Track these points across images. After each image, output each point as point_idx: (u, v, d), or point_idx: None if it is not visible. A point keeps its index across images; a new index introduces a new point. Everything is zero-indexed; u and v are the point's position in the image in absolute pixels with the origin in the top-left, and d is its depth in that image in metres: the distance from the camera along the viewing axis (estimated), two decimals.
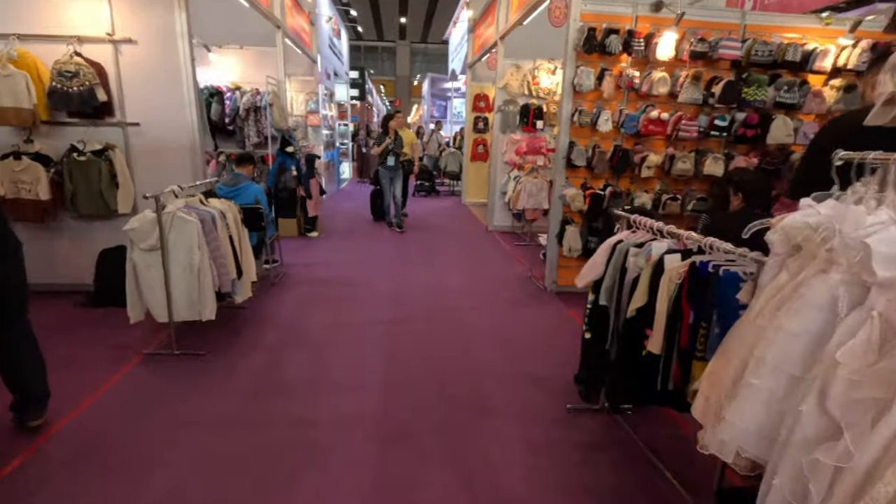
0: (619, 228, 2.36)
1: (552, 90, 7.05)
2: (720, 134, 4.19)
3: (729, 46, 4.00)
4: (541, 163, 6.96)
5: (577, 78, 4.04)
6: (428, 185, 11.49)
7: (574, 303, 4.33)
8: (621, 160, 4.15)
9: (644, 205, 4.24)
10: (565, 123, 4.22)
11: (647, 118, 4.08)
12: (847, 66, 4.17)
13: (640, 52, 4.00)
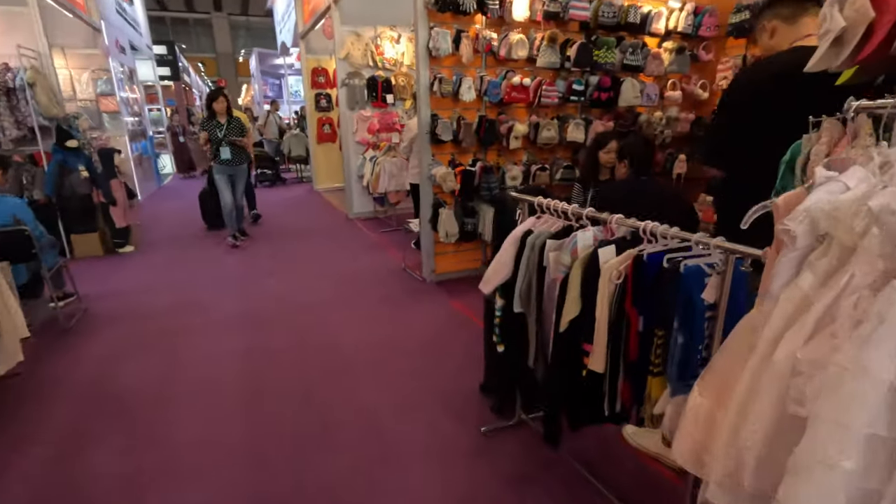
0: (520, 214, 1.96)
1: (398, 60, 6.51)
2: (579, 99, 4.10)
3: (578, 7, 3.86)
4: (396, 140, 6.44)
5: (432, 41, 3.55)
6: (271, 174, 10.21)
7: (458, 292, 3.96)
8: (488, 132, 3.82)
9: (515, 177, 4.00)
10: (424, 94, 3.72)
11: (509, 84, 3.79)
12: (677, 28, 4.37)
13: (495, 11, 3.65)
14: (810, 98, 1.51)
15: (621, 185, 2.52)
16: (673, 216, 2.58)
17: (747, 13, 4.18)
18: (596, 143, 3.42)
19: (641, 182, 2.45)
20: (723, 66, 4.43)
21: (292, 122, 12.56)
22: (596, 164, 3.48)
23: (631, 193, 2.43)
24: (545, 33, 3.81)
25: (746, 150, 1.59)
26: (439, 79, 3.61)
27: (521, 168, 4.03)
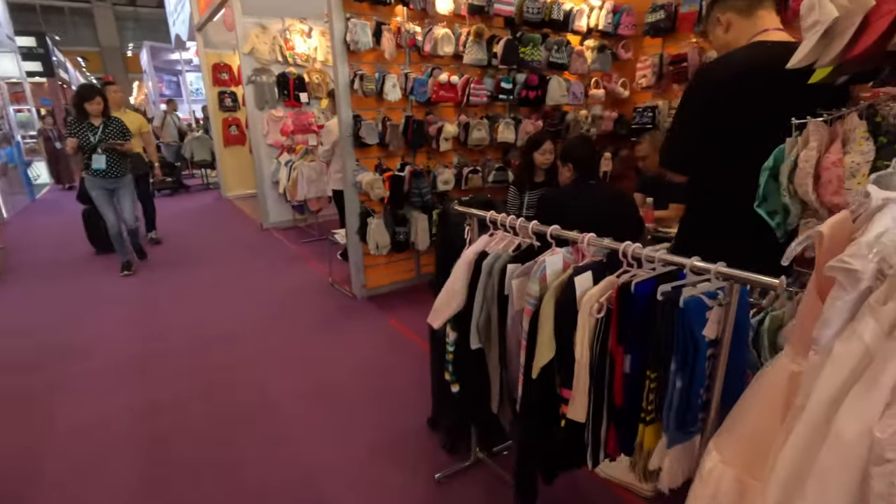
0: (468, 232, 1.70)
1: (311, 56, 6.03)
2: (507, 97, 3.94)
3: (503, 1, 3.69)
4: (313, 142, 5.97)
5: (349, 34, 3.20)
6: (172, 181, 9.19)
7: (393, 307, 3.65)
8: (417, 133, 3.54)
9: (447, 181, 3.76)
10: (344, 93, 3.36)
11: (436, 83, 3.53)
12: (598, 26, 4.36)
13: (417, 3, 3.37)
14: (776, 97, 1.40)
15: (567, 190, 2.36)
16: (623, 223, 2.48)
17: (662, 13, 4.26)
18: (531, 144, 3.26)
19: (589, 186, 2.31)
20: (642, 65, 4.50)
21: (194, 123, 11.44)
22: (531, 166, 3.33)
23: (579, 199, 2.28)
24: (471, 28, 3.60)
25: (711, 153, 1.45)
26: (360, 76, 3.27)
27: (453, 171, 3.80)
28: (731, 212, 1.49)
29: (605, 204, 2.27)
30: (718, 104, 1.40)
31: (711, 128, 1.43)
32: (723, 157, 1.44)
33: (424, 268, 4.11)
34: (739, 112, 1.39)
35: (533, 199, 3.39)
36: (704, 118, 1.43)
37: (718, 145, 1.43)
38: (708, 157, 1.45)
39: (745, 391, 0.91)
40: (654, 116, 4.47)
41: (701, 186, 1.50)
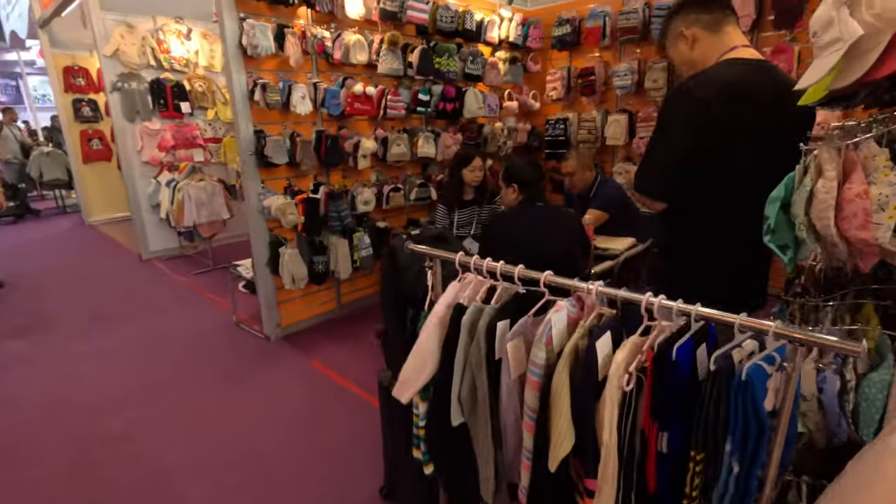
0: (431, 277, 1.43)
1: (191, 60, 5.30)
2: (425, 110, 3.71)
3: (416, 8, 3.47)
4: (199, 158, 5.26)
5: (246, 36, 2.74)
6: (15, 206, 7.62)
7: (314, 346, 3.22)
8: (331, 150, 3.16)
9: (368, 202, 3.42)
10: (243, 105, 2.88)
11: (350, 94, 3.19)
12: (509, 38, 4.32)
13: (324, 5, 3.00)
14: (760, 117, 1.33)
15: (514, 213, 2.18)
16: (574, 245, 2.36)
17: (568, 27, 4.33)
18: (459, 161, 3.07)
19: (537, 209, 2.15)
20: (551, 78, 4.55)
21: (41, 135, 9.69)
22: (460, 184, 3.14)
23: (527, 223, 2.11)
24: (384, 35, 3.32)
25: (697, 176, 1.34)
26: (262, 85, 2.82)
27: (373, 190, 3.47)
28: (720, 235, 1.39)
29: (555, 226, 2.13)
30: (704, 125, 1.29)
31: (697, 150, 1.32)
32: (708, 180, 1.33)
33: (347, 297, 3.72)
34: (726, 133, 1.29)
35: (463, 217, 3.20)
36: (690, 140, 1.31)
37: (704, 168, 1.32)
38: (692, 181, 1.34)
39: (840, 479, 0.76)
40: (566, 128, 4.54)
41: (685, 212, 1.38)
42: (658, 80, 3.84)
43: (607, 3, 4.14)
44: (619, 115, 4.15)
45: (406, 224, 3.93)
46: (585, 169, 2.84)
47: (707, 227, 1.39)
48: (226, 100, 5.41)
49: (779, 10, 3.25)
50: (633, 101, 4.21)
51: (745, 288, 1.47)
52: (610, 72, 4.16)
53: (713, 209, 1.37)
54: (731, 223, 1.37)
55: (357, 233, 3.39)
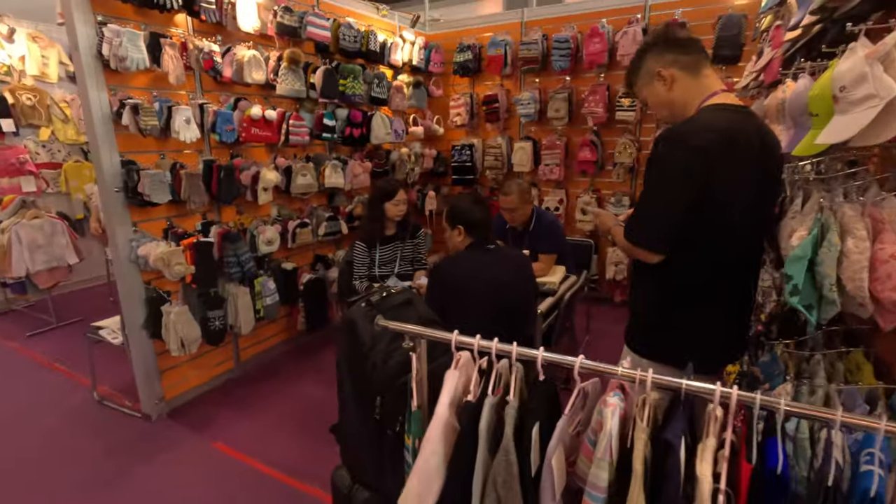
0: (415, 363, 1.14)
1: (14, 67, 4.25)
2: (331, 136, 3.36)
3: (317, 24, 3.12)
4: (30, 188, 4.24)
5: (108, 45, 2.17)
6: None
7: (215, 421, 2.65)
8: (225, 184, 2.66)
9: (271, 241, 2.95)
10: (104, 130, 2.27)
11: (247, 118, 2.72)
12: (412, 61, 4.15)
13: (211, 13, 2.52)
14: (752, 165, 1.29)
15: (466, 259, 1.96)
16: (527, 288, 2.21)
17: (469, 53, 4.31)
18: (382, 194, 2.78)
19: (488, 252, 1.96)
20: (455, 103, 4.48)
21: None
22: (382, 218, 2.85)
23: (479, 268, 1.91)
24: (283, 52, 2.92)
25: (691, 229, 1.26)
26: (133, 106, 2.25)
27: (277, 228, 3.01)
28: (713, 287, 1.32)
29: (512, 271, 1.96)
30: (704, 174, 1.21)
31: (695, 200, 1.23)
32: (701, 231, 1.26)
33: (247, 352, 3.17)
34: (723, 182, 1.22)
35: (385, 254, 2.91)
36: (690, 190, 1.23)
37: (698, 218, 1.25)
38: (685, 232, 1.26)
39: None
40: (472, 154, 4.50)
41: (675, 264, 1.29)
42: (560, 109, 3.96)
43: (506, 31, 4.20)
44: (525, 143, 4.21)
45: (313, 262, 3.50)
46: (526, 203, 2.75)
47: (698, 279, 1.32)
48: (66, 117, 4.43)
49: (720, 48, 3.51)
50: (535, 128, 4.31)
51: (734, 339, 1.43)
52: (513, 100, 4.21)
53: (706, 260, 1.30)
54: (724, 274, 1.32)
55: (259, 278, 2.90)
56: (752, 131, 1.26)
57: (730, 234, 1.28)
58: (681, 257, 1.30)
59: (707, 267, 1.31)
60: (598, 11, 3.87)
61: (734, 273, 1.34)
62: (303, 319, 3.32)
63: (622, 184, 4.01)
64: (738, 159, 1.23)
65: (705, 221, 1.26)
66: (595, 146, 3.94)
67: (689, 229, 1.27)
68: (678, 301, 1.36)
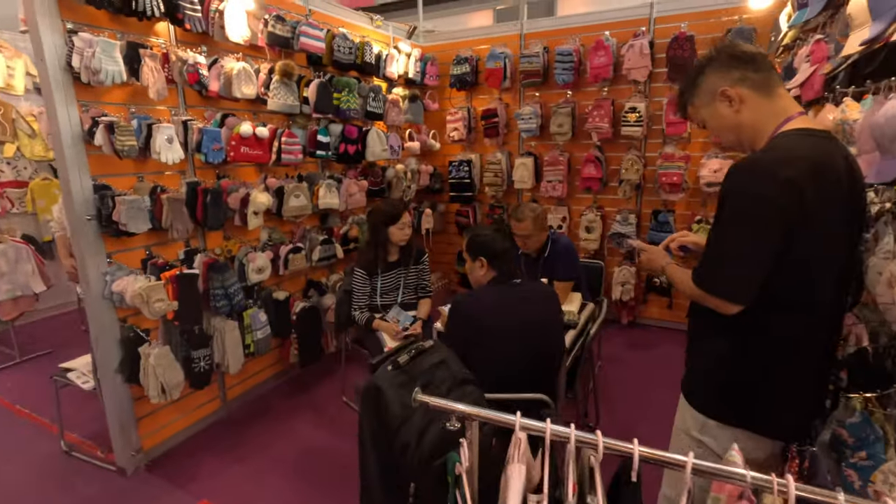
0: (464, 450, 0.92)
1: None
2: (326, 153, 3.13)
3: (311, 35, 2.91)
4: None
5: (80, 57, 1.92)
6: None
7: (199, 473, 2.37)
8: (212, 208, 2.40)
9: (262, 269, 2.70)
10: (73, 150, 2.01)
11: (236, 136, 2.48)
12: (407, 74, 3.97)
13: (196, 22, 2.29)
14: (841, 197, 1.12)
15: (488, 294, 1.75)
16: (556, 324, 2.00)
17: (467, 66, 4.15)
18: (386, 217, 2.56)
19: (513, 288, 1.75)
20: (452, 118, 4.30)
21: None
22: (385, 243, 2.63)
23: (505, 306, 1.71)
24: (275, 64, 2.69)
25: (785, 278, 1.08)
26: (109, 125, 1.99)
27: (269, 255, 2.76)
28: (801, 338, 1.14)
29: (535, 306, 1.76)
30: (794, 212, 1.03)
31: (785, 241, 1.05)
32: (790, 277, 1.07)
33: (234, 390, 2.89)
34: (818, 220, 1.04)
35: (387, 282, 2.69)
36: (779, 231, 1.04)
37: (787, 262, 1.06)
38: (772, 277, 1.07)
39: None
40: (470, 170, 4.31)
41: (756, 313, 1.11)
42: (563, 124, 3.81)
43: (503, 44, 4.05)
44: (526, 159, 4.05)
45: (305, 288, 3.25)
46: (541, 230, 2.56)
47: (784, 331, 1.13)
48: (33, 131, 4.11)
49: (672, 65, 3.42)
50: (536, 143, 4.15)
51: (820, 398, 1.24)
52: (514, 114, 4.05)
53: (792, 309, 1.11)
54: (810, 324, 1.13)
55: (249, 310, 2.64)
56: (840, 161, 1.09)
57: (819, 280, 1.10)
58: (762, 307, 1.11)
59: (793, 317, 1.12)
60: (600, 24, 3.75)
61: (822, 322, 1.15)
62: (295, 352, 3.05)
63: (627, 201, 3.86)
64: (832, 193, 1.06)
65: (792, 266, 1.08)
66: (600, 162, 3.79)
67: (773, 275, 1.09)
68: (758, 356, 1.16)
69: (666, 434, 1.40)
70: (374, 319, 2.60)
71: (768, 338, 1.14)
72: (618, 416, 2.74)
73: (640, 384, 3.13)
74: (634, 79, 3.54)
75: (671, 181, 3.51)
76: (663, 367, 3.36)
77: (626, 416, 2.74)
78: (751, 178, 1.08)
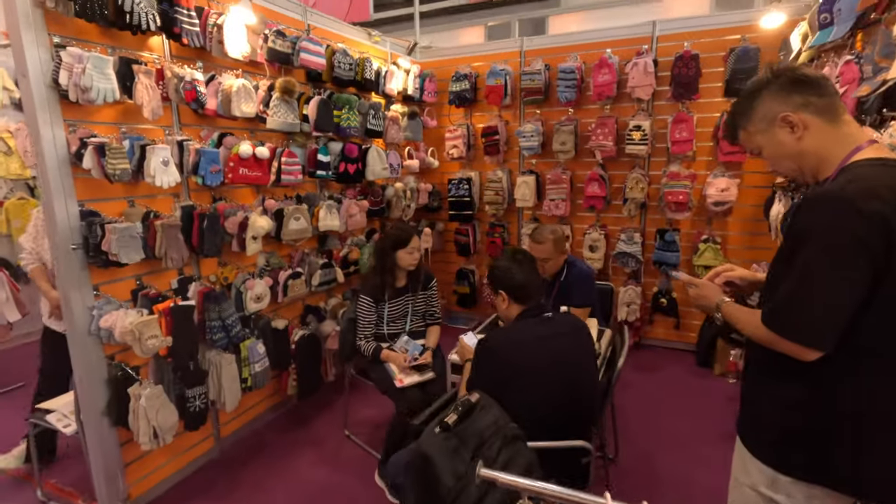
0: None
1: None
2: (326, 173, 2.99)
3: (311, 51, 2.78)
4: None
5: (68, 73, 1.76)
6: None
7: None
8: (209, 233, 2.24)
9: (261, 297, 2.53)
10: (58, 174, 1.83)
11: (236, 157, 2.33)
12: (406, 90, 3.87)
13: (194, 36, 2.15)
14: None
15: (518, 331, 1.62)
16: (591, 358, 1.87)
17: (466, 82, 4.07)
18: (394, 241, 2.43)
19: (545, 322, 1.63)
20: (452, 135, 4.21)
21: None
22: (394, 269, 2.49)
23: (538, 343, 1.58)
24: (276, 81, 2.56)
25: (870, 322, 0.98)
26: (98, 146, 1.83)
27: (268, 281, 2.59)
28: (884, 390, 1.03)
29: (568, 341, 1.64)
30: (881, 247, 0.94)
31: (870, 281, 0.95)
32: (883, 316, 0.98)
33: (229, 427, 2.69)
34: None
35: (395, 310, 2.55)
36: (865, 270, 0.95)
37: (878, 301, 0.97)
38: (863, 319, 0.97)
39: None
40: (470, 188, 4.21)
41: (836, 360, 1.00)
42: (566, 142, 3.74)
43: (504, 60, 3.99)
44: (528, 177, 3.96)
45: (303, 314, 3.08)
46: (560, 253, 2.45)
47: (885, 377, 1.02)
48: (9, 148, 3.87)
49: (677, 84, 3.39)
50: (537, 161, 4.08)
51: None
52: (515, 132, 3.97)
53: (874, 356, 1.02)
54: None
55: (246, 341, 2.47)
56: None
57: None
58: (847, 351, 1.01)
59: (883, 361, 1.02)
60: (601, 42, 3.72)
61: None
62: (293, 383, 2.87)
63: (631, 220, 3.80)
64: None
65: (883, 306, 0.98)
66: (604, 180, 3.72)
67: (862, 316, 0.99)
68: (843, 405, 1.05)
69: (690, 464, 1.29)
70: (381, 350, 2.45)
71: (856, 386, 1.03)
72: (637, 445, 2.62)
73: (651, 409, 3.04)
74: (638, 97, 3.50)
75: (677, 200, 3.46)
76: (673, 391, 3.27)
77: (645, 445, 2.63)
78: (833, 212, 0.99)
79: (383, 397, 2.42)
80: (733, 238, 3.61)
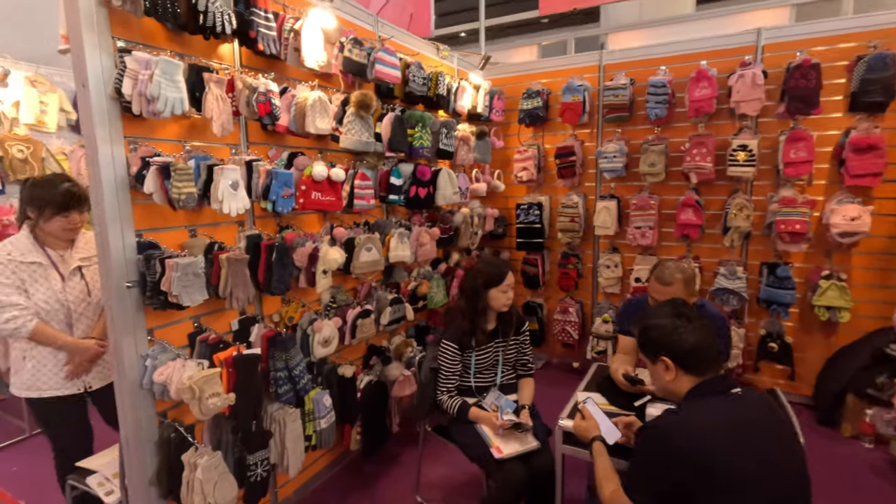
0: None
1: (6, 115, 3.60)
2: (398, 198, 2.67)
3: (387, 62, 2.50)
4: None
5: (132, 80, 1.49)
6: None
7: None
8: (278, 268, 1.92)
9: (329, 340, 2.19)
10: (117, 200, 1.55)
11: (308, 179, 2.03)
12: (476, 108, 3.56)
13: (270, 42, 1.88)
14: None
15: (701, 415, 1.20)
16: (804, 458, 1.34)
17: (539, 100, 3.74)
18: (487, 279, 2.07)
19: (735, 401, 1.21)
20: (521, 156, 3.87)
21: None
22: (486, 311, 2.12)
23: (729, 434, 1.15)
24: (352, 95, 2.27)
25: None
26: (162, 167, 1.55)
27: (337, 322, 2.25)
28: None
29: (771, 430, 1.20)
30: None
31: None
32: None
33: (287, 488, 2.33)
34: None
35: (483, 359, 2.16)
36: None
37: None
38: None
39: None
40: (541, 214, 3.84)
41: None
42: (656, 163, 3.33)
43: (580, 76, 3.64)
44: (609, 202, 3.56)
45: (366, 355, 2.73)
46: (691, 296, 2.03)
47: None
48: (62, 171, 3.73)
49: (792, 98, 2.96)
50: (616, 184, 3.68)
51: None
52: (595, 153, 3.60)
53: None
54: None
55: (312, 392, 2.12)
56: None
57: None
58: None
59: None
60: (695, 53, 3.33)
61: None
62: (357, 437, 2.50)
63: (731, 252, 3.33)
64: None
65: None
66: (700, 206, 3.28)
67: None
68: None
69: None
70: (469, 407, 2.06)
71: None
72: None
73: None
74: (743, 112, 3.07)
75: (793, 229, 2.98)
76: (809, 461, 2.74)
77: None
78: None
79: (456, 452, 2.03)
80: (858, 274, 3.10)
